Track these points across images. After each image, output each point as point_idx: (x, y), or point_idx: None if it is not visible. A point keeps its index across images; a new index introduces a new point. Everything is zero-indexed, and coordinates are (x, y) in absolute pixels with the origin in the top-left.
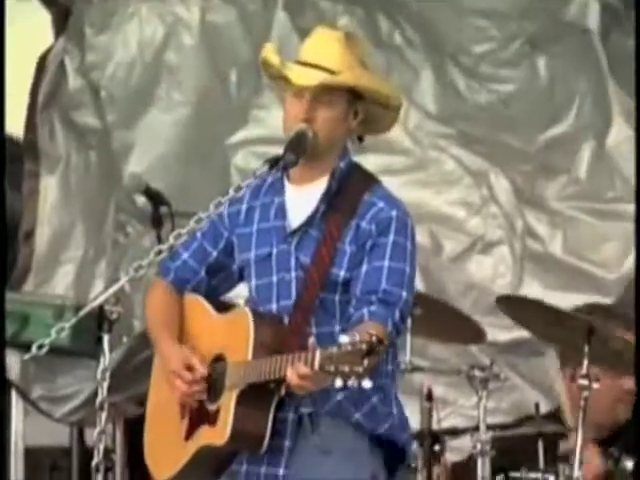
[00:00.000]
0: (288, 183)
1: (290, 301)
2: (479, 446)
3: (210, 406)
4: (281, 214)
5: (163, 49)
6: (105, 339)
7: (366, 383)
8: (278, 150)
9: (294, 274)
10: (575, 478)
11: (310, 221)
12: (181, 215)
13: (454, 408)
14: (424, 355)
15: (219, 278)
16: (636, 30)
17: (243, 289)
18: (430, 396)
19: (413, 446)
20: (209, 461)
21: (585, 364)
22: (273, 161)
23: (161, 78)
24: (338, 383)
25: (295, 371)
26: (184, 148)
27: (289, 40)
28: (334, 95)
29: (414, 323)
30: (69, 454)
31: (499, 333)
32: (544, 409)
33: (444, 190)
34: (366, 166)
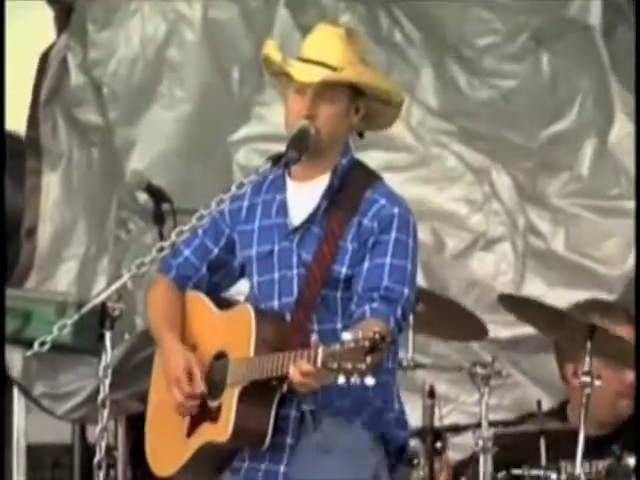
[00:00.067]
0: (289, 180)
1: (292, 298)
2: (481, 443)
3: (212, 403)
4: (283, 211)
5: (165, 46)
6: (107, 336)
7: (369, 380)
8: (280, 147)
9: (296, 271)
10: (577, 475)
11: (312, 218)
12: (183, 212)
13: (456, 405)
14: (426, 352)
15: (220, 275)
16: (636, 25)
17: (244, 285)
18: (432, 393)
19: (416, 443)
20: (211, 458)
21: (587, 361)
22: (275, 158)
23: (163, 75)
24: (341, 380)
25: (298, 368)
26: (186, 145)
27: (291, 37)
28: (336, 91)
29: (416, 320)
30: (71, 451)
31: (501, 330)
32: (546, 406)
33: (446, 187)
34: (368, 163)
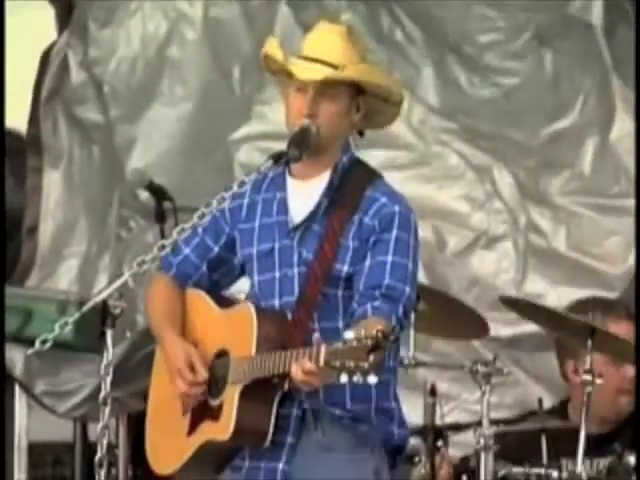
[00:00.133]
0: (290, 178)
1: (293, 297)
2: (482, 441)
3: (212, 401)
4: (283, 209)
5: (166, 44)
6: (108, 334)
7: (372, 379)
8: (281, 145)
9: (297, 270)
10: (578, 473)
11: (312, 216)
12: (184, 210)
13: (457, 403)
14: (427, 350)
15: (220, 273)
16: (636, 24)
17: (245, 284)
18: (433, 391)
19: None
20: (212, 456)
21: (588, 360)
22: (277, 156)
23: (164, 73)
24: (343, 379)
25: (300, 367)
26: (187, 143)
27: (292, 35)
28: (337, 89)
29: (417, 318)
30: (72, 449)
31: (502, 328)
32: (547, 404)
33: (447, 185)
34: (370, 161)
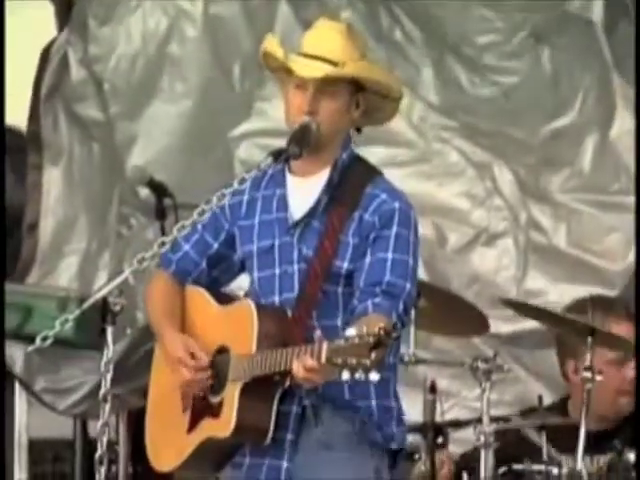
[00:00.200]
0: (289, 175)
1: (293, 294)
2: (482, 438)
3: (213, 398)
4: (283, 206)
5: (166, 41)
6: (109, 331)
7: (373, 376)
8: (281, 142)
9: (297, 267)
10: (578, 470)
11: (312, 213)
12: (184, 207)
13: (457, 400)
14: (428, 347)
15: (220, 269)
16: (636, 20)
17: (244, 280)
18: (434, 388)
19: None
20: (212, 453)
21: (588, 357)
22: (277, 153)
23: (164, 70)
24: (345, 376)
25: (302, 364)
26: (187, 140)
27: (292, 33)
28: (337, 86)
29: (418, 315)
30: (72, 446)
31: (502, 325)
32: (547, 401)
33: (448, 182)
34: (370, 158)
